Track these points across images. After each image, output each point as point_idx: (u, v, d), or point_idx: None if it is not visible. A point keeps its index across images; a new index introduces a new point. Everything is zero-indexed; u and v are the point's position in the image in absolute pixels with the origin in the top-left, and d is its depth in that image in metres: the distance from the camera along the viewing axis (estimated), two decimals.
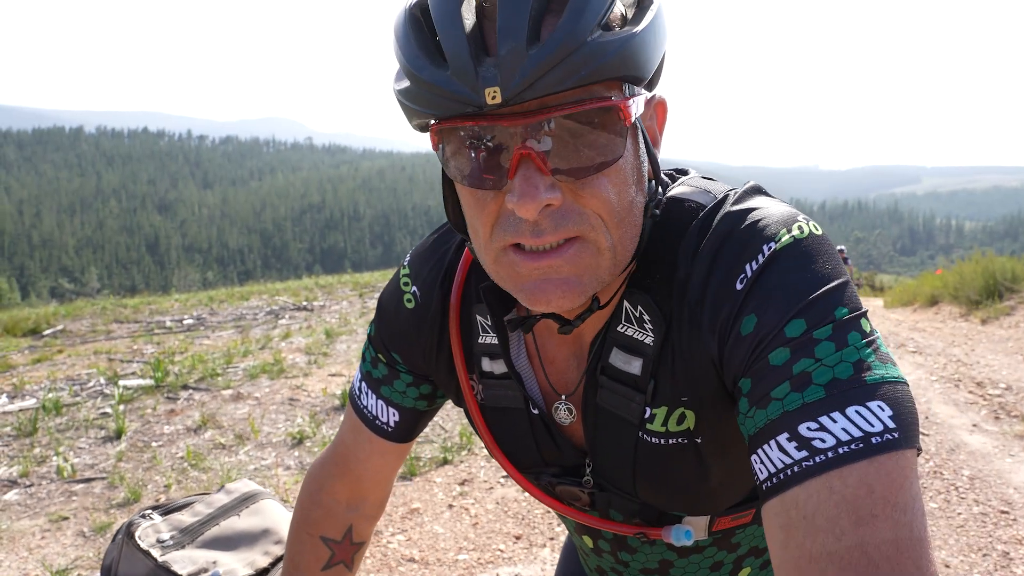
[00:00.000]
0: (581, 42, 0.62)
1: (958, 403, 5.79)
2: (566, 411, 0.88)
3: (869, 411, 0.62)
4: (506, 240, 0.70)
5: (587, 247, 0.70)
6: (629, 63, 0.65)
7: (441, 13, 0.66)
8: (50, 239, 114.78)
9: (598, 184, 0.68)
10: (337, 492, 1.06)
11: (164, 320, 11.58)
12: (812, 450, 0.62)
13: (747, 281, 0.70)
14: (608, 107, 0.66)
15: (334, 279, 19.89)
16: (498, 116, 0.65)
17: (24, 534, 3.54)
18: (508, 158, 0.67)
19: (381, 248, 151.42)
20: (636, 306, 0.80)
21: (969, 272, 11.48)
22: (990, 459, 4.40)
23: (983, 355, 7.76)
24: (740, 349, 0.70)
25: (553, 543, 3.28)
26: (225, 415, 5.48)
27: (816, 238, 0.72)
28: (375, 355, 1.02)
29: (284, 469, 4.36)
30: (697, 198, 0.81)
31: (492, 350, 0.90)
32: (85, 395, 6.18)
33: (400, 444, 1.03)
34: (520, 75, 0.62)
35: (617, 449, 0.85)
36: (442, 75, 0.64)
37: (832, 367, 0.64)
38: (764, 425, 0.66)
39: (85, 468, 4.44)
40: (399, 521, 3.56)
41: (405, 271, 0.98)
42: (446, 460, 4.38)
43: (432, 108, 0.67)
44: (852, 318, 0.67)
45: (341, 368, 7.11)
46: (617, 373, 0.82)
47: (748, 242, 0.72)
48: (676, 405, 0.80)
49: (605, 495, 0.91)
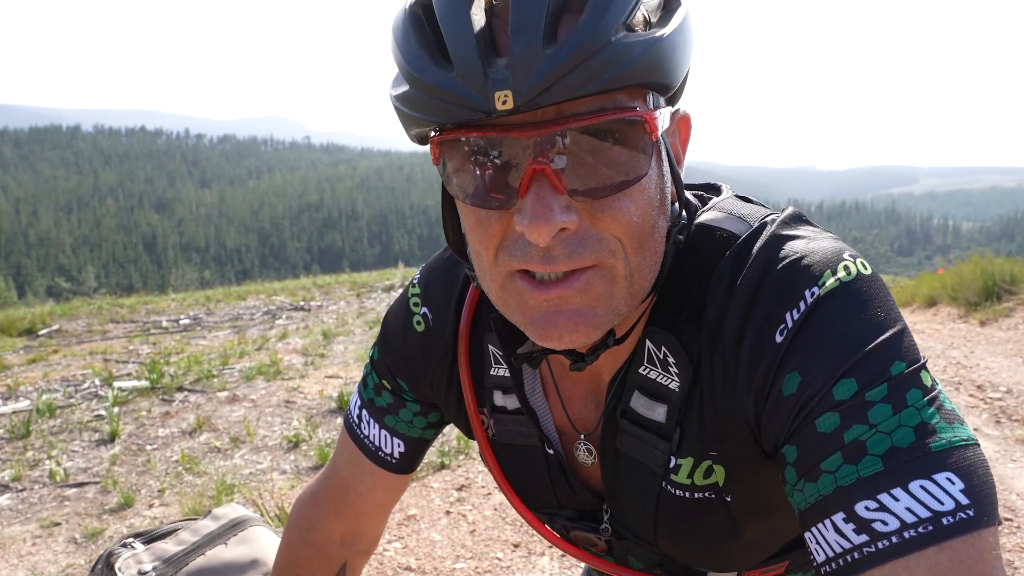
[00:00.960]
0: (605, 42, 0.55)
1: (959, 407, 5.77)
2: (586, 452, 0.81)
3: (937, 485, 0.54)
4: (512, 265, 0.62)
5: (602, 275, 0.62)
6: (656, 68, 0.58)
7: (446, 8, 0.58)
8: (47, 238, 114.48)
9: (619, 205, 0.60)
10: (332, 530, 0.98)
11: (160, 320, 11.53)
12: (873, 534, 0.55)
13: (788, 333, 0.62)
14: (633, 119, 0.58)
15: (332, 279, 19.84)
16: (509, 126, 0.58)
17: (15, 540, 3.49)
18: (519, 175, 0.59)
19: (379, 247, 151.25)
20: (660, 347, 0.72)
21: (967, 273, 11.46)
22: (992, 465, 4.37)
23: (983, 357, 7.73)
24: (781, 412, 0.62)
25: (552, 551, 3.24)
26: (220, 418, 5.43)
27: (865, 279, 0.63)
28: (379, 382, 0.93)
29: (279, 474, 4.31)
30: (729, 226, 0.72)
31: (505, 383, 0.83)
32: (79, 397, 6.13)
33: (404, 475, 0.96)
34: (536, 77, 0.54)
35: (638, 497, 0.78)
36: (446, 77, 0.57)
37: (889, 434, 0.56)
38: (816, 501, 0.59)
39: (78, 472, 4.39)
40: (395, 528, 3.52)
41: (415, 290, 0.90)
42: (443, 465, 4.33)
43: (433, 114, 0.59)
44: (910, 373, 0.59)
45: (338, 370, 7.06)
46: (639, 419, 0.74)
47: (788, 286, 0.64)
48: (703, 458, 0.72)
49: (623, 543, 0.84)
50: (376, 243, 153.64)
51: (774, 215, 0.72)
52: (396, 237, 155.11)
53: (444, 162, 0.62)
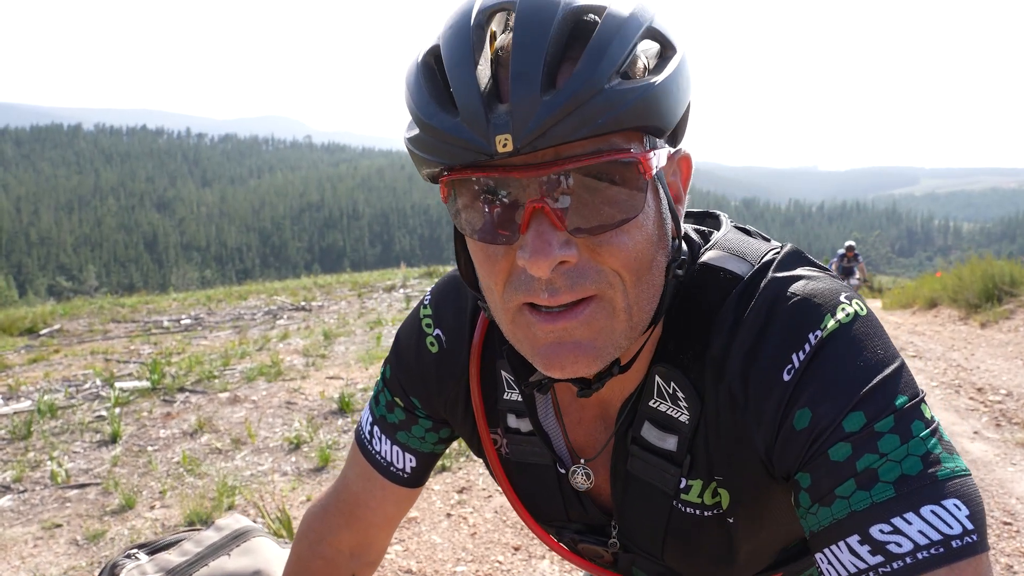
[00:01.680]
0: (598, 89, 0.59)
1: (959, 410, 5.77)
2: (583, 476, 0.85)
3: (945, 511, 0.59)
4: (518, 299, 0.67)
5: (603, 307, 0.66)
6: (649, 113, 0.62)
7: (453, 60, 0.63)
8: (48, 237, 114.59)
9: (616, 241, 0.64)
10: (342, 542, 1.01)
11: (162, 320, 11.55)
12: (888, 555, 0.59)
13: (795, 372, 0.67)
14: (627, 160, 0.62)
15: (333, 279, 19.86)
16: (510, 167, 0.62)
17: (16, 542, 3.50)
18: (520, 212, 0.63)
19: (380, 247, 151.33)
20: (669, 382, 0.76)
21: (968, 275, 11.47)
22: (991, 468, 4.37)
23: (983, 360, 7.74)
24: (794, 444, 0.67)
25: (552, 555, 3.25)
26: (222, 419, 5.44)
27: (863, 320, 0.68)
28: (391, 399, 0.96)
29: (281, 475, 4.32)
30: (732, 266, 0.76)
31: (517, 407, 0.87)
32: (81, 397, 6.14)
33: (414, 489, 0.99)
34: (533, 123, 0.58)
35: (649, 515, 0.82)
36: (452, 122, 0.61)
37: (899, 462, 0.61)
38: (830, 524, 0.63)
39: (79, 473, 4.40)
40: (396, 530, 3.53)
41: (427, 311, 0.93)
42: (444, 467, 4.34)
43: (441, 156, 0.64)
44: (912, 406, 0.64)
45: (339, 371, 7.07)
46: (650, 447, 0.79)
47: (792, 328, 0.68)
48: (710, 481, 0.77)
49: (629, 556, 0.88)
50: (377, 243, 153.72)
51: (774, 252, 0.77)
52: (397, 237, 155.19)
53: (453, 199, 0.67)
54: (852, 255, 15.08)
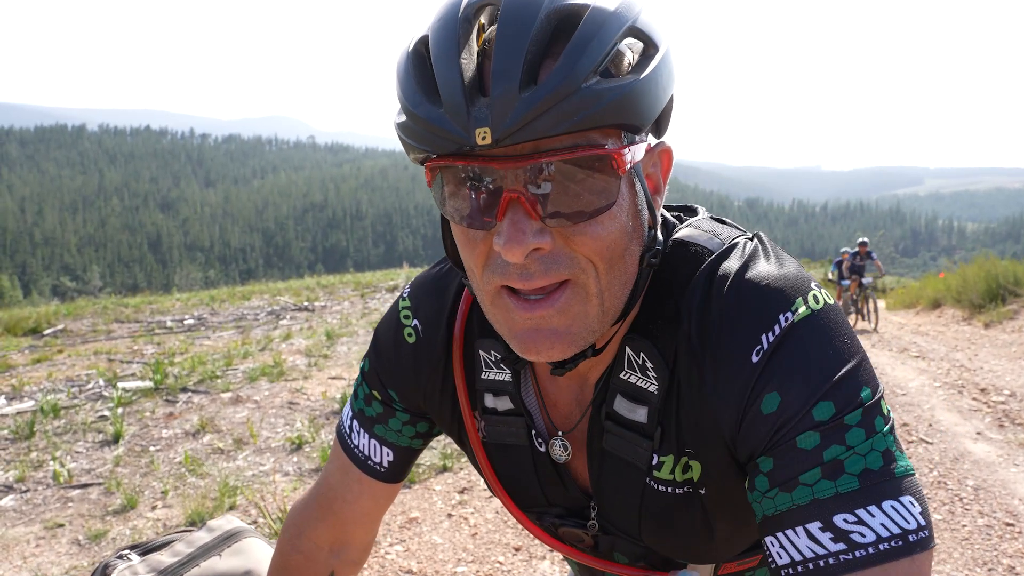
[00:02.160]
0: (575, 88, 0.61)
1: (962, 410, 5.75)
2: (561, 448, 0.87)
3: (903, 507, 0.63)
4: (496, 281, 0.69)
5: (577, 292, 0.69)
6: (626, 111, 0.64)
7: (439, 52, 0.65)
8: (52, 237, 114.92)
9: (590, 230, 0.67)
10: (319, 537, 1.01)
11: (165, 320, 11.57)
12: (851, 544, 0.62)
13: (764, 354, 0.69)
14: (602, 155, 0.64)
15: (336, 279, 19.89)
16: (490, 157, 0.64)
17: (19, 541, 3.51)
18: (496, 199, 0.66)
19: (383, 247, 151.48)
20: (638, 353, 0.78)
21: (972, 276, 11.45)
22: (995, 469, 4.36)
23: (986, 360, 7.72)
24: (760, 427, 0.68)
25: (553, 555, 3.25)
26: (224, 419, 5.45)
27: (830, 309, 0.71)
28: (369, 392, 0.98)
29: (282, 475, 4.33)
30: (702, 242, 0.79)
31: (496, 386, 0.88)
32: (84, 397, 6.16)
33: (392, 485, 0.99)
34: (512, 118, 0.61)
35: (624, 493, 0.84)
36: (436, 112, 0.64)
37: (864, 456, 0.64)
38: (788, 509, 0.65)
39: (82, 473, 4.41)
40: (397, 531, 3.53)
41: (405, 303, 0.95)
42: (445, 467, 4.35)
43: (426, 144, 0.66)
44: (876, 401, 0.67)
45: (341, 371, 7.08)
46: (623, 420, 0.80)
47: (761, 308, 0.70)
48: (681, 454, 0.78)
49: (609, 538, 0.89)
50: (380, 243, 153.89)
51: (745, 236, 0.80)
52: (400, 237, 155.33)
53: (438, 185, 0.70)
54: (865, 251, 13.82)
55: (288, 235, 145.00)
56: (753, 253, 0.75)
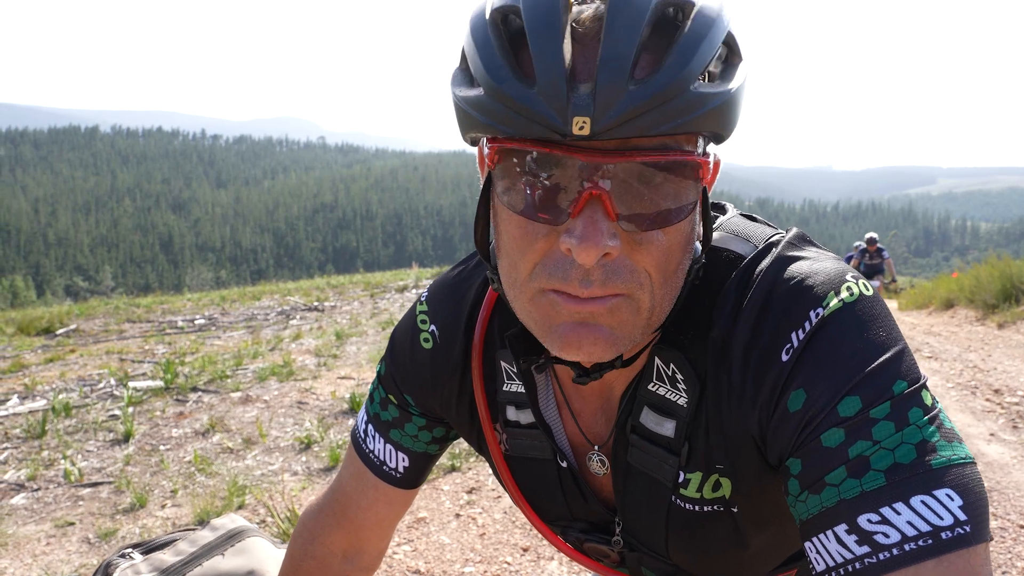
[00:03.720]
0: (684, 88, 0.58)
1: (975, 411, 5.70)
2: (599, 463, 0.83)
3: (936, 501, 0.57)
4: (547, 284, 0.64)
5: (630, 304, 0.64)
6: (721, 119, 0.61)
7: (539, 25, 0.59)
8: (65, 238, 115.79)
9: (656, 239, 0.63)
10: (333, 543, 0.99)
11: (176, 320, 11.63)
12: (875, 546, 0.57)
13: (793, 352, 0.64)
14: (689, 162, 0.61)
15: (346, 279, 19.94)
16: (577, 149, 0.59)
17: (29, 540, 3.53)
18: (573, 194, 0.60)
19: (393, 248, 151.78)
20: (668, 364, 0.74)
21: (985, 275, 11.34)
22: (1008, 470, 4.31)
23: (1000, 360, 7.64)
24: (787, 427, 0.64)
25: (561, 556, 3.23)
26: (233, 418, 5.47)
27: (867, 300, 0.66)
28: (385, 396, 0.95)
29: (291, 475, 4.33)
30: (735, 247, 0.74)
31: (518, 399, 0.84)
32: (95, 397, 6.20)
33: (408, 491, 0.97)
34: (616, 110, 0.56)
35: (649, 511, 0.80)
36: (527, 92, 0.58)
37: (892, 450, 0.59)
38: (818, 512, 0.61)
39: (92, 472, 4.43)
40: (405, 531, 3.53)
41: (422, 307, 0.91)
42: (454, 467, 4.34)
43: (507, 125, 0.60)
44: (912, 392, 0.61)
45: (351, 371, 7.09)
46: (649, 433, 0.76)
47: (793, 307, 0.66)
48: (711, 472, 0.74)
49: (636, 555, 0.85)
50: (390, 243, 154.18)
51: (779, 235, 0.74)
52: (410, 238, 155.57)
53: (499, 169, 0.64)
54: (875, 249, 12.59)
55: (299, 235, 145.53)
56: (785, 252, 0.71)
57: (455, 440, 0.99)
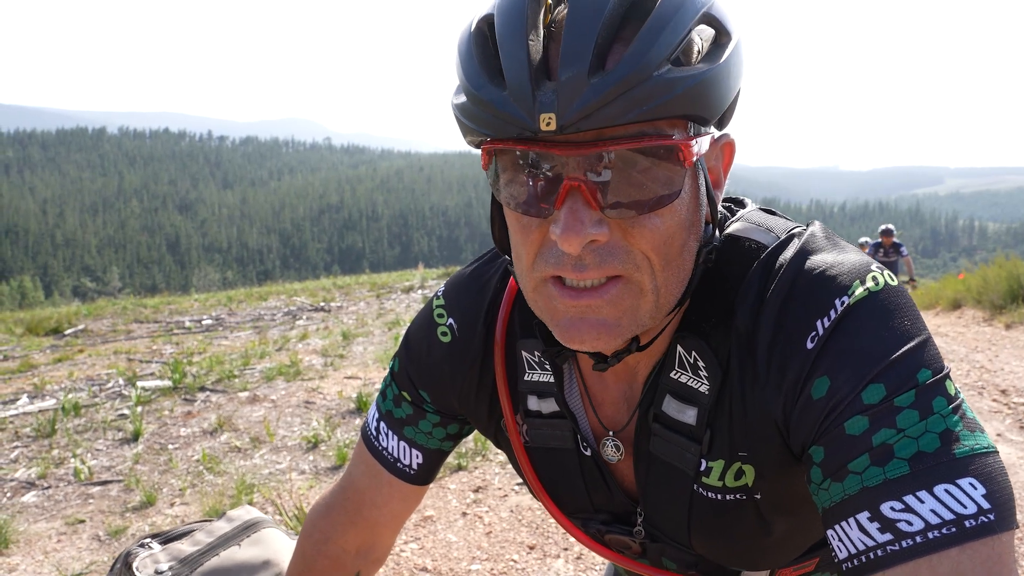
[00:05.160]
0: (647, 75, 0.58)
1: (981, 412, 5.69)
2: (613, 448, 0.83)
3: (960, 489, 0.57)
4: (547, 271, 0.67)
5: (630, 288, 0.66)
6: (696, 102, 0.61)
7: (505, 31, 0.62)
8: (73, 238, 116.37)
9: (650, 223, 0.64)
10: (347, 541, 0.99)
11: (183, 320, 11.68)
12: (897, 533, 0.57)
13: (818, 340, 0.65)
14: (668, 146, 0.62)
15: (352, 279, 19.99)
16: (551, 143, 0.61)
17: (40, 537, 3.56)
18: (555, 187, 0.63)
19: (399, 248, 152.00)
20: (690, 351, 0.74)
21: (993, 276, 11.30)
22: (1015, 471, 4.31)
23: (1007, 361, 7.62)
24: (810, 414, 0.65)
25: (567, 554, 3.25)
26: (241, 418, 5.50)
27: (892, 290, 0.66)
28: (398, 393, 0.95)
29: (298, 474, 4.36)
30: (757, 236, 0.75)
31: (540, 388, 0.85)
32: (104, 396, 6.24)
33: (421, 487, 0.97)
34: (579, 104, 0.58)
35: (671, 500, 0.80)
36: (499, 95, 0.61)
37: (916, 439, 0.59)
38: (841, 500, 0.61)
39: (102, 470, 4.47)
40: (412, 529, 3.55)
41: (439, 302, 0.92)
42: (460, 466, 4.36)
43: (486, 127, 0.64)
44: (936, 381, 0.61)
45: (357, 371, 7.12)
46: (671, 422, 0.77)
47: (818, 295, 0.67)
48: (734, 459, 0.74)
49: (658, 545, 0.86)
50: (396, 244, 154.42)
51: (800, 227, 0.75)
52: (416, 238, 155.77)
53: (493, 168, 0.67)
54: (891, 244, 11.11)
55: (305, 236, 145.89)
56: (809, 243, 0.71)
57: (468, 435, 0.99)
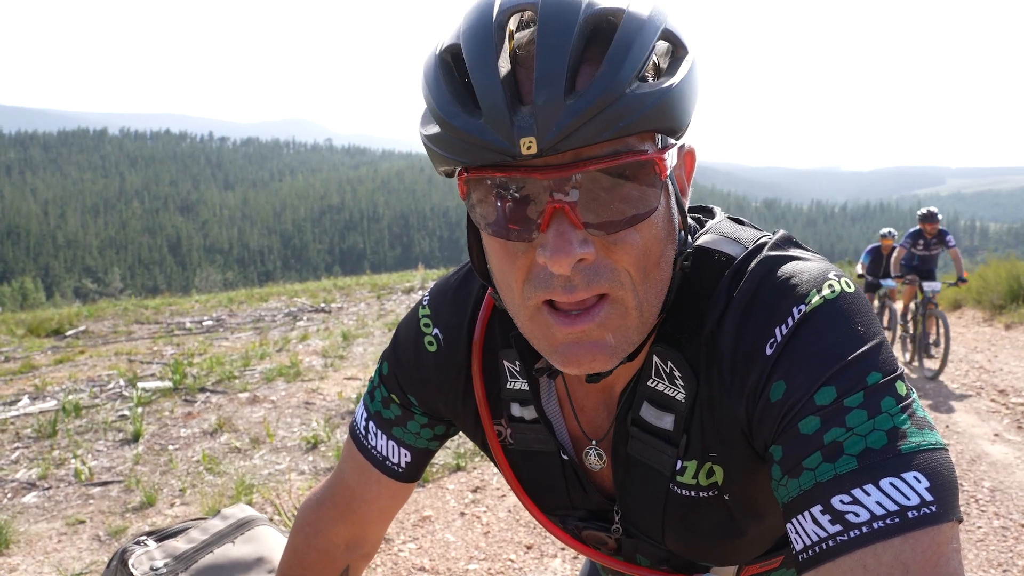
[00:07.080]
0: (620, 94, 0.60)
1: (980, 412, 5.70)
2: (596, 457, 0.87)
3: (904, 483, 0.60)
4: (538, 296, 0.68)
5: (616, 307, 0.68)
6: (666, 115, 0.63)
7: (475, 59, 0.64)
8: (74, 240, 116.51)
9: (630, 238, 0.66)
10: (337, 535, 1.02)
11: (184, 321, 11.70)
12: (846, 524, 0.61)
13: (777, 346, 0.68)
14: (644, 161, 0.64)
15: (352, 280, 19.99)
16: (531, 168, 0.63)
17: (41, 537, 3.58)
18: (539, 210, 0.64)
19: (400, 249, 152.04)
20: (666, 362, 0.78)
21: (993, 276, 11.31)
22: (1012, 470, 4.32)
23: (1006, 361, 7.63)
24: (770, 416, 0.68)
25: (564, 553, 3.26)
26: (241, 418, 5.52)
27: (848, 296, 0.69)
28: (387, 395, 0.97)
29: (298, 474, 4.38)
30: (726, 248, 0.78)
31: (522, 396, 0.88)
32: (104, 397, 6.26)
33: (410, 484, 1.00)
34: (557, 126, 0.59)
35: (647, 498, 0.84)
36: (475, 123, 0.62)
37: (864, 436, 0.62)
38: (797, 495, 0.65)
39: (102, 471, 4.49)
40: (411, 529, 3.56)
41: (425, 311, 0.94)
42: (459, 467, 4.38)
43: (463, 156, 0.64)
44: (886, 383, 0.65)
45: (357, 371, 7.13)
46: (648, 426, 0.80)
47: (777, 304, 0.70)
48: (705, 460, 0.78)
49: (632, 541, 0.89)
50: (397, 245, 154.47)
51: (766, 237, 0.78)
52: (417, 239, 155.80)
53: (471, 196, 0.68)
54: (935, 231, 7.81)
55: (306, 237, 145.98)
56: (773, 253, 0.75)
57: (454, 435, 1.02)
